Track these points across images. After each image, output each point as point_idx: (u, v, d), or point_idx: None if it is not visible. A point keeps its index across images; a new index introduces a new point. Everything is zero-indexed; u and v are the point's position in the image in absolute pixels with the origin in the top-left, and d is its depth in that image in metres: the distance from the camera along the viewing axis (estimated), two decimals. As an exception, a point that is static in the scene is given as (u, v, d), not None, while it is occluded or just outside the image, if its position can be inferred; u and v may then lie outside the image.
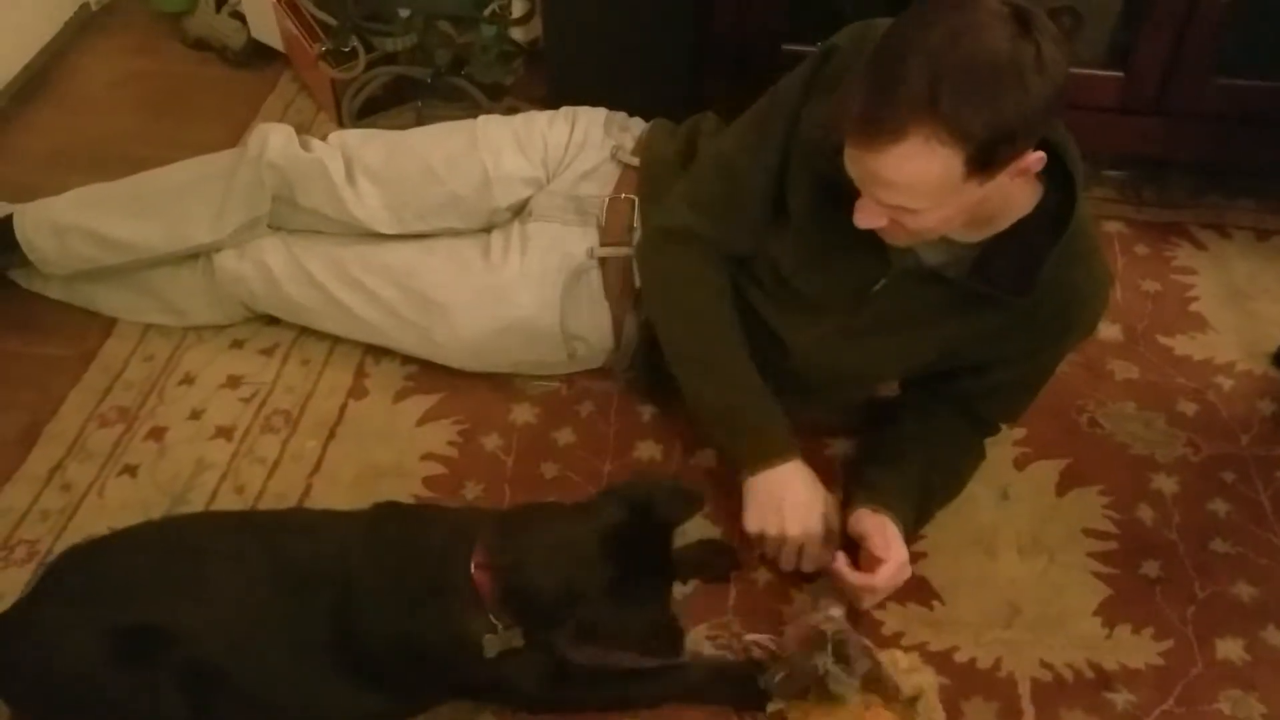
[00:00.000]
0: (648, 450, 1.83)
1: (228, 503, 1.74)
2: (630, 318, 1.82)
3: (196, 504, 1.73)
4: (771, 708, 1.49)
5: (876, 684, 1.49)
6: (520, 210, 1.87)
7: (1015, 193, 1.44)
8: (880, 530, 1.56)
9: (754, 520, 1.61)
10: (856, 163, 1.35)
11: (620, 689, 1.50)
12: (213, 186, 1.88)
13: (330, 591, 1.37)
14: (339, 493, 1.74)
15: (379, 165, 1.85)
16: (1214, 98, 2.17)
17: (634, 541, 1.33)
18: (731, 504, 1.74)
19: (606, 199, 1.81)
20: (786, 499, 1.59)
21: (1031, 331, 1.56)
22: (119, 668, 1.31)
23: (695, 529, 1.70)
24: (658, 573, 1.37)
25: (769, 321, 1.68)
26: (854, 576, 1.55)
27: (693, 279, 1.68)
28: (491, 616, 1.34)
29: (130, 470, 1.78)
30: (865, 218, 1.41)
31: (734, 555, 1.67)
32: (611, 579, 1.30)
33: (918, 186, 1.31)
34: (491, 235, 1.86)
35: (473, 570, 1.34)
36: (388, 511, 1.47)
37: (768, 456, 1.61)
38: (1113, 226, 2.30)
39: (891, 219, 1.39)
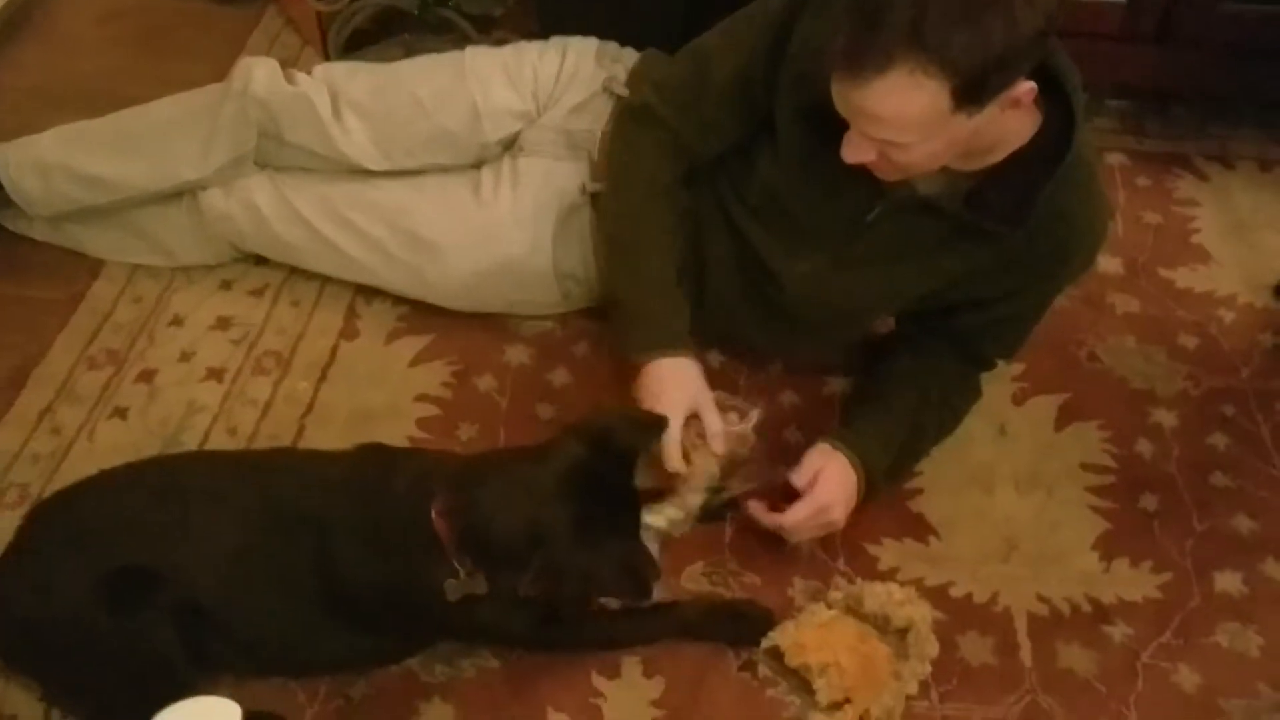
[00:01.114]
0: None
1: (220, 444, 1.72)
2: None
3: (189, 446, 1.72)
4: (766, 643, 1.50)
5: (870, 617, 1.50)
6: (511, 145, 1.83)
7: (1009, 123, 1.40)
8: (814, 465, 1.52)
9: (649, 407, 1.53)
10: (842, 97, 1.33)
11: (613, 627, 1.50)
12: (198, 123, 1.84)
13: (313, 534, 1.36)
14: (332, 434, 1.72)
15: (365, 99, 1.81)
16: (1219, 25, 2.13)
17: (595, 476, 1.30)
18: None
19: (599, 133, 1.77)
20: (668, 383, 1.53)
21: (1028, 265, 1.54)
22: (110, 612, 1.31)
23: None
24: (623, 506, 1.34)
25: (761, 251, 1.65)
26: (766, 518, 1.53)
27: (638, 162, 1.65)
28: (455, 562, 1.32)
29: (120, 413, 1.77)
30: (853, 152, 1.39)
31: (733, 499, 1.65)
32: (573, 517, 1.27)
33: (904, 120, 1.29)
34: (482, 171, 1.82)
35: (433, 516, 1.32)
36: (368, 454, 1.46)
37: (659, 345, 1.56)
38: (1114, 158, 2.27)
39: (880, 153, 1.37)
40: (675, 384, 1.55)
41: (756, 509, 1.54)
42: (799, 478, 1.52)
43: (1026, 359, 1.83)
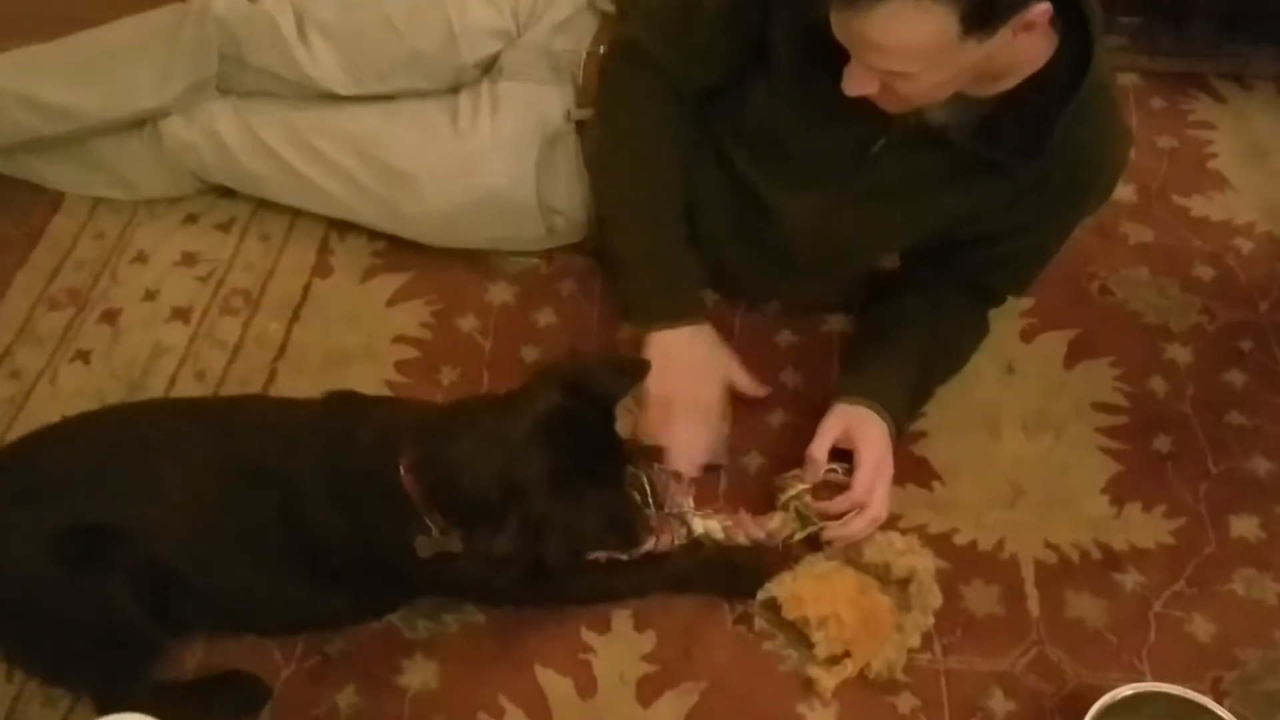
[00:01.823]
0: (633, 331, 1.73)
1: (188, 389, 1.65)
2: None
3: (155, 390, 1.65)
4: (762, 595, 1.44)
5: (870, 566, 1.45)
6: (490, 68, 1.74)
7: (1023, 48, 1.31)
8: (841, 428, 1.45)
9: (656, 383, 1.46)
10: (842, 26, 1.24)
11: (603, 580, 1.44)
12: (156, 46, 1.76)
13: (279, 488, 1.29)
14: (306, 378, 1.65)
15: (332, 19, 1.72)
16: (1240, -67, 2.02)
17: (571, 423, 1.23)
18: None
19: (584, 54, 1.68)
20: (679, 361, 1.49)
21: (1043, 199, 1.45)
22: (66, 571, 1.24)
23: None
24: (604, 454, 1.27)
25: (757, 187, 1.56)
26: (856, 525, 1.44)
27: (632, 113, 1.57)
28: (426, 520, 1.25)
29: (83, 356, 1.69)
30: (854, 85, 1.30)
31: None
32: (550, 468, 1.19)
33: (909, 49, 1.21)
34: (459, 97, 1.73)
35: (401, 473, 1.25)
36: (337, 403, 1.38)
37: (674, 318, 1.52)
38: (1126, 78, 2.18)
39: (883, 85, 1.28)
40: (700, 356, 1.51)
41: (836, 527, 1.46)
42: (821, 444, 1.45)
43: (1035, 293, 1.75)
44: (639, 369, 1.35)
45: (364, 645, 1.41)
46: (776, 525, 1.46)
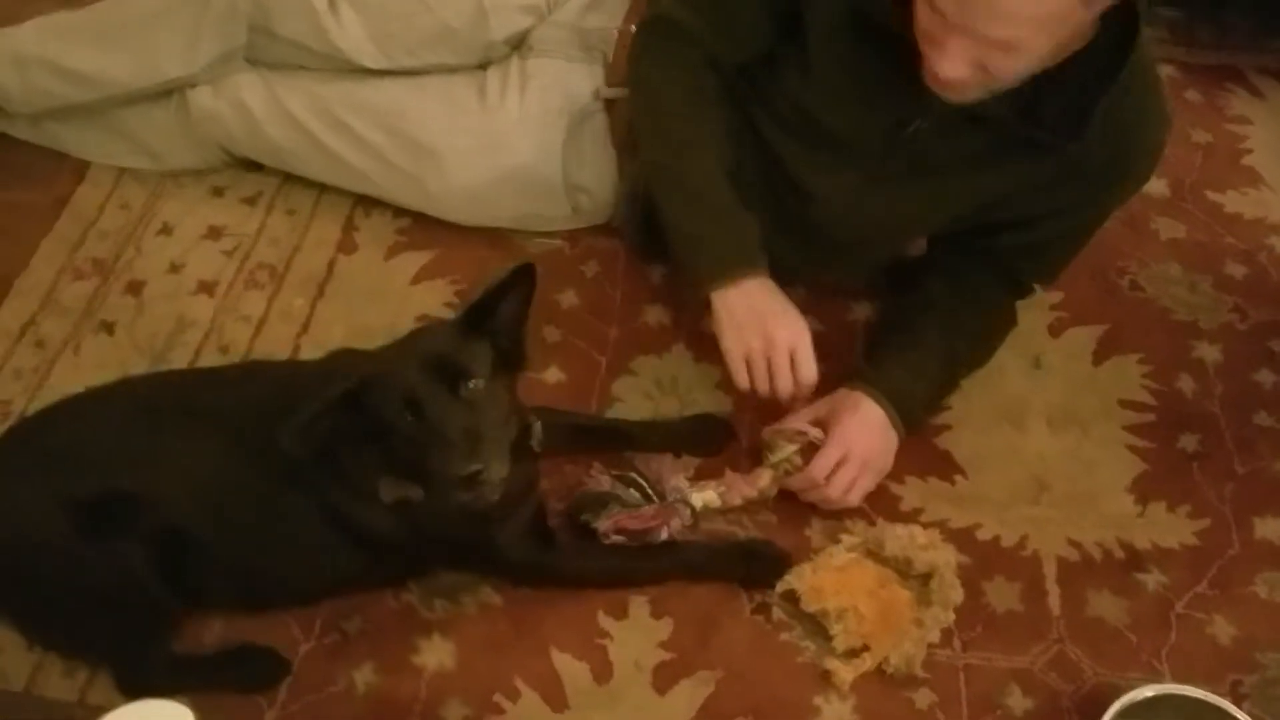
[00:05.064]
0: (656, 314, 1.73)
1: (212, 363, 1.65)
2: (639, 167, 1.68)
3: (178, 364, 1.64)
4: (781, 586, 1.43)
5: (891, 560, 1.44)
6: (519, 44, 1.73)
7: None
8: (825, 410, 1.47)
9: (732, 340, 1.46)
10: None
11: (618, 563, 1.44)
12: (184, 15, 1.74)
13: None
14: (328, 354, 1.65)
15: (362, -9, 1.70)
16: (1283, -76, 1.98)
17: (452, 358, 1.22)
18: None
19: (615, 31, 1.66)
20: (759, 309, 1.46)
21: (1081, 181, 1.43)
22: (84, 540, 1.24)
23: (707, 401, 1.62)
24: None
25: (788, 165, 1.54)
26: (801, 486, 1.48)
27: (670, 80, 1.53)
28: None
29: (107, 327, 1.69)
30: (951, 66, 1.23)
31: (729, 428, 1.59)
32: (422, 393, 1.18)
33: (1034, 15, 1.16)
34: (488, 73, 1.72)
35: None
36: (336, 360, 1.38)
37: (733, 272, 1.46)
38: (1163, 70, 2.10)
39: (978, 66, 1.22)
40: (776, 302, 1.47)
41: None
42: (796, 417, 1.48)
43: (1065, 287, 1.73)
44: (527, 270, 1.30)
45: (382, 624, 1.41)
46: (767, 483, 1.47)
